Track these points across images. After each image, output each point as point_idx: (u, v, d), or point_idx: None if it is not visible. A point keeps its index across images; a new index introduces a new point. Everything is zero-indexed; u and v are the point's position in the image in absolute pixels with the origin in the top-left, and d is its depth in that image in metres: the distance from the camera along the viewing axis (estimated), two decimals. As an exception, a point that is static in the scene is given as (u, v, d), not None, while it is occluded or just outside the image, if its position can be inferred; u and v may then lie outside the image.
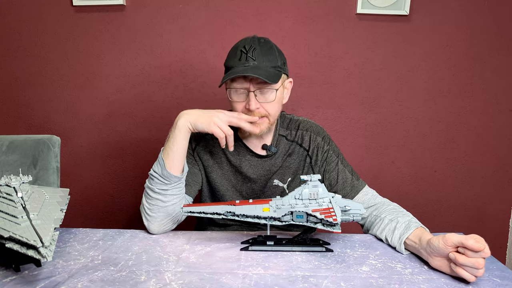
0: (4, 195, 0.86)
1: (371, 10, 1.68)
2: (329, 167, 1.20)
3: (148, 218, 1.04)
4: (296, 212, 0.89)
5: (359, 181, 1.19)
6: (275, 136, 1.20)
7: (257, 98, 1.06)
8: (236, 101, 1.08)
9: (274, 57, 1.07)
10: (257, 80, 1.04)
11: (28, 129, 1.84)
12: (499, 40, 1.73)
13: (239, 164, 1.20)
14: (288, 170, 1.20)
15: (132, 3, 1.72)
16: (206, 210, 0.93)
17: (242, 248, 0.95)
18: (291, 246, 0.95)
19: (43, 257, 0.69)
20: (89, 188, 1.90)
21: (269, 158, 1.20)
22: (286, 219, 0.90)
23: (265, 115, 1.09)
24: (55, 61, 1.78)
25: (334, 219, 0.86)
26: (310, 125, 1.23)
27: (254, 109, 1.06)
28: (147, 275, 0.82)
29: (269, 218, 0.91)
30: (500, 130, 1.82)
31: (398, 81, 1.78)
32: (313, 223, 0.89)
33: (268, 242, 0.95)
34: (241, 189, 1.22)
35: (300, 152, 1.21)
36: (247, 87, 1.05)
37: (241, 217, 0.91)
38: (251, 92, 1.05)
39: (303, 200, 0.90)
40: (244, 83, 1.05)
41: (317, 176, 0.90)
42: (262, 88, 1.05)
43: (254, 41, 1.07)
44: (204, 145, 1.23)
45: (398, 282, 0.81)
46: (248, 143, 1.20)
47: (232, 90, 1.07)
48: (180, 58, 1.76)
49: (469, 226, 1.87)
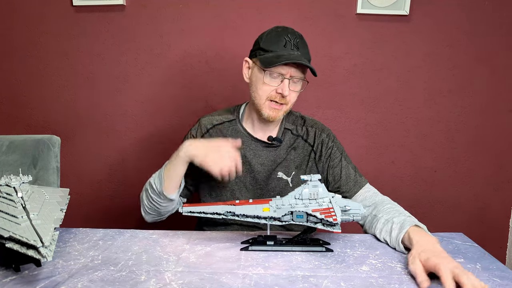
0: (4, 195, 0.86)
1: (371, 10, 1.68)
2: (333, 163, 1.23)
3: (145, 210, 1.19)
4: (296, 212, 0.89)
5: (361, 177, 1.24)
6: (280, 129, 1.24)
7: (289, 86, 1.12)
8: (269, 84, 1.12)
9: (308, 51, 1.16)
10: (295, 70, 1.10)
11: (28, 129, 1.84)
12: (499, 40, 1.73)
13: (244, 153, 1.21)
14: (292, 163, 1.22)
15: (132, 3, 1.72)
16: (206, 210, 0.93)
17: (242, 248, 0.95)
18: (291, 246, 0.94)
19: (43, 257, 0.69)
20: (89, 188, 1.90)
21: (273, 148, 1.22)
22: (286, 219, 0.90)
23: (286, 103, 1.14)
24: (55, 61, 1.78)
25: (334, 219, 0.86)
26: (316, 123, 1.29)
27: (287, 95, 1.12)
28: (147, 275, 0.82)
29: (269, 218, 0.91)
30: (500, 130, 1.82)
31: (398, 81, 1.78)
32: (313, 223, 0.89)
33: (268, 242, 0.95)
34: (244, 179, 1.22)
35: (305, 147, 1.24)
36: (285, 74, 1.11)
37: (241, 217, 0.91)
38: (286, 79, 1.11)
39: (303, 200, 0.90)
40: (284, 69, 1.10)
41: (317, 176, 0.90)
42: (297, 77, 1.12)
43: (294, 32, 1.14)
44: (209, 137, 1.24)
45: (398, 282, 0.81)
46: (255, 134, 1.23)
47: (267, 73, 1.11)
48: (180, 58, 1.76)
49: (469, 226, 1.87)
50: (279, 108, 1.14)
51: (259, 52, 1.15)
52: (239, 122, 1.25)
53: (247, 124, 1.25)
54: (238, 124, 1.25)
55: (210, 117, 1.28)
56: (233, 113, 1.27)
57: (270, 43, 1.13)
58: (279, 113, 1.15)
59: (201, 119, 1.28)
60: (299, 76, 1.12)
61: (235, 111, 1.28)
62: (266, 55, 1.12)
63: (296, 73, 1.11)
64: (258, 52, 1.15)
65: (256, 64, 1.15)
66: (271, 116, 1.14)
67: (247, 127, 1.24)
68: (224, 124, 1.25)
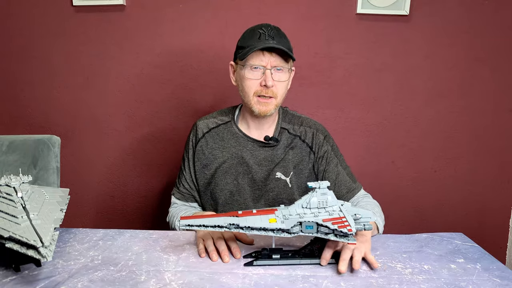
0: (4, 195, 0.86)
1: (371, 10, 1.68)
2: (329, 167, 1.23)
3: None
4: (305, 223, 0.82)
5: (356, 183, 1.25)
6: (277, 129, 1.24)
7: (272, 76, 1.12)
8: (251, 78, 1.13)
9: (288, 40, 1.17)
10: (275, 58, 1.11)
11: (28, 129, 1.84)
12: (499, 40, 1.73)
13: (241, 154, 1.21)
14: (290, 163, 1.22)
15: (132, 3, 1.72)
16: (206, 223, 0.83)
17: (246, 263, 0.88)
18: (299, 259, 0.88)
19: (43, 257, 0.69)
20: (89, 188, 1.90)
21: (270, 148, 1.22)
22: (295, 230, 0.83)
23: (274, 95, 1.14)
24: (55, 61, 1.78)
25: (349, 229, 0.79)
26: (314, 123, 1.28)
27: (271, 85, 1.12)
28: (147, 275, 0.82)
29: (276, 230, 0.83)
30: (500, 130, 1.82)
31: (398, 81, 1.77)
32: (323, 234, 0.82)
33: (274, 256, 0.88)
34: (242, 181, 1.22)
35: (302, 147, 1.24)
36: (265, 65, 1.11)
37: (245, 230, 0.82)
38: (268, 70, 1.11)
39: (311, 209, 0.84)
40: (263, 60, 1.11)
41: (325, 183, 0.85)
42: (278, 66, 1.12)
43: (269, 25, 1.15)
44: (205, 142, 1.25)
45: (398, 282, 0.81)
46: (251, 134, 1.23)
47: (247, 68, 1.13)
48: (180, 58, 1.76)
49: (469, 226, 1.87)
50: (268, 101, 1.14)
51: (238, 52, 1.17)
52: (234, 124, 1.25)
53: (242, 125, 1.25)
54: (233, 125, 1.25)
55: (206, 120, 1.29)
56: (228, 114, 1.28)
57: (245, 40, 1.15)
58: (269, 107, 1.15)
59: (197, 123, 1.29)
60: (281, 65, 1.13)
61: (230, 113, 1.29)
62: (243, 51, 1.13)
63: (277, 62, 1.12)
64: (237, 52, 1.18)
65: (238, 64, 1.17)
66: (261, 111, 1.15)
67: (243, 127, 1.25)
68: (220, 127, 1.26)
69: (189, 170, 1.27)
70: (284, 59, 1.13)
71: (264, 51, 1.11)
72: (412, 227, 1.85)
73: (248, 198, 1.22)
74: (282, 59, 1.13)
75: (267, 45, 1.09)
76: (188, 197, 1.29)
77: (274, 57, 1.11)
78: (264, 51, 1.11)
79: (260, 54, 1.11)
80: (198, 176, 1.26)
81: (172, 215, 1.26)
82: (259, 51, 1.11)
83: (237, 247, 0.92)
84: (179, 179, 1.31)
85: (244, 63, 1.13)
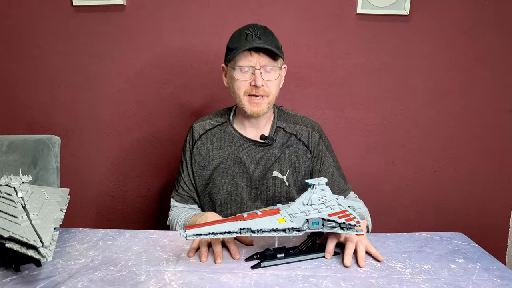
0: (4, 195, 0.86)
1: (371, 10, 1.68)
2: (323, 167, 1.25)
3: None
4: (311, 219, 0.85)
5: (347, 185, 1.28)
6: (273, 127, 1.25)
7: (262, 76, 1.12)
8: (241, 79, 1.14)
9: (275, 39, 1.17)
10: (263, 58, 1.11)
11: (28, 129, 1.84)
12: (499, 40, 1.73)
13: (237, 154, 1.22)
14: (286, 161, 1.23)
15: (132, 3, 1.72)
16: (215, 230, 0.80)
17: (254, 265, 0.87)
18: (303, 255, 0.90)
19: (43, 257, 0.69)
20: (89, 188, 1.90)
21: (266, 147, 1.23)
22: (305, 228, 0.86)
23: (266, 94, 1.14)
24: (55, 61, 1.78)
25: (357, 221, 0.83)
26: (310, 122, 1.29)
27: (260, 85, 1.12)
28: (147, 275, 0.82)
29: (288, 229, 0.84)
30: (500, 130, 1.82)
31: (398, 81, 1.77)
32: (329, 228, 0.86)
33: (279, 255, 0.89)
34: (239, 181, 1.23)
35: (298, 146, 1.24)
36: (254, 65, 1.12)
37: (257, 233, 0.82)
38: (257, 70, 1.12)
39: (313, 205, 0.87)
40: (251, 61, 1.12)
41: (324, 180, 0.88)
42: (268, 65, 1.13)
43: (256, 25, 1.16)
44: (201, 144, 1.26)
45: (398, 282, 0.81)
46: (246, 134, 1.23)
47: (237, 69, 1.13)
48: (180, 58, 1.76)
49: (469, 226, 1.87)
50: (260, 101, 1.15)
51: (227, 54, 1.17)
52: (230, 124, 1.26)
53: (238, 125, 1.26)
54: (229, 126, 1.25)
55: (202, 122, 1.29)
56: (224, 115, 1.29)
57: (233, 42, 1.16)
58: (261, 107, 1.15)
59: (194, 125, 1.30)
60: (269, 64, 1.13)
61: (225, 114, 1.29)
62: (231, 52, 1.14)
63: (266, 61, 1.12)
64: (226, 54, 1.18)
65: (228, 66, 1.18)
66: (254, 111, 1.15)
67: (238, 128, 1.25)
68: (216, 128, 1.27)
69: (187, 172, 1.28)
70: (272, 58, 1.13)
71: (252, 51, 1.11)
72: (412, 227, 1.85)
73: (246, 197, 1.23)
74: (270, 58, 1.13)
75: (254, 45, 1.09)
76: (187, 199, 1.29)
77: (262, 57, 1.12)
78: (251, 51, 1.11)
79: (248, 55, 1.11)
80: (196, 177, 1.26)
81: (172, 218, 1.26)
82: (247, 52, 1.11)
83: (236, 249, 0.92)
84: (177, 182, 1.31)
85: (234, 64, 1.14)
